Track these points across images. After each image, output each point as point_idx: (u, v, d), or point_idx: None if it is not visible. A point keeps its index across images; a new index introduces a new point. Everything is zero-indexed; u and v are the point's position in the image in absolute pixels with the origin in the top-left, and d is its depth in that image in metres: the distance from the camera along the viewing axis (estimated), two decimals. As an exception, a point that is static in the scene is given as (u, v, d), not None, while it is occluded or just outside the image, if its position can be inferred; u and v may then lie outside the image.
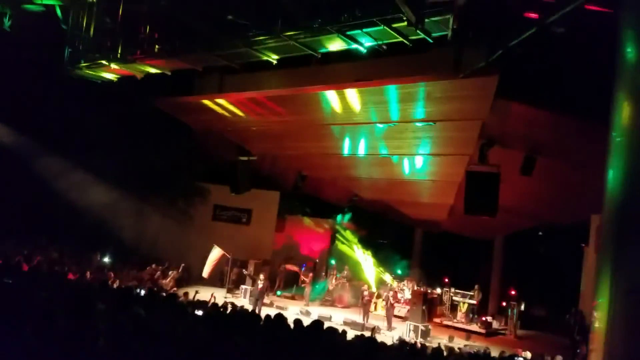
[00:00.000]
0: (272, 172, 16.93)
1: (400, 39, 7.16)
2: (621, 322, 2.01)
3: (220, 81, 11.57)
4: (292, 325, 5.08)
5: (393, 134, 11.48)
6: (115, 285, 9.35)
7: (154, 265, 15.13)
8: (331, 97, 10.37)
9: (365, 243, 18.42)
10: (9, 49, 10.77)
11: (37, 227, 13.72)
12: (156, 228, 15.50)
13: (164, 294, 8.31)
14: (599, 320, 2.08)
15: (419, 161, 12.68)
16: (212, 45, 8.82)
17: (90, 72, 10.40)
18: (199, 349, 3.23)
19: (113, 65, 9.85)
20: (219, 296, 13.74)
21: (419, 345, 7.83)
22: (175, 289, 14.12)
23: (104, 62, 9.83)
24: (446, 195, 13.76)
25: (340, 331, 6.31)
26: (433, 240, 19.16)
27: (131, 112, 14.08)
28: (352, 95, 10.14)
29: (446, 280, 16.75)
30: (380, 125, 11.08)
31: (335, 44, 7.77)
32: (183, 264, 15.56)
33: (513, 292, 15.37)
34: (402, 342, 6.94)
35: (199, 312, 5.28)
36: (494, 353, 8.72)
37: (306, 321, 6.48)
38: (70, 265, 12.11)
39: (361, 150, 12.81)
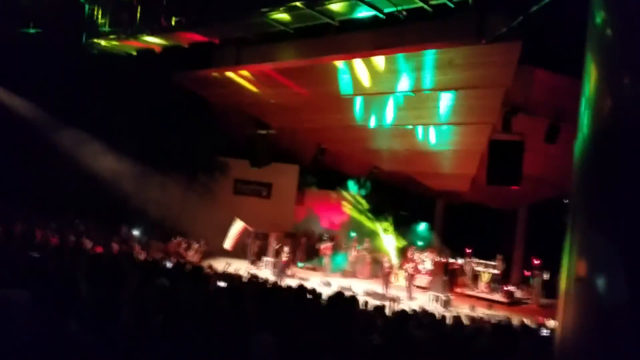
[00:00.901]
0: (291, 145, 16.91)
1: (421, 4, 6.97)
2: (570, 306, 1.97)
3: (238, 53, 11.48)
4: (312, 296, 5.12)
5: (413, 103, 11.29)
6: (142, 258, 9.56)
7: (178, 238, 15.43)
8: (350, 67, 10.21)
9: (386, 215, 18.40)
10: (28, 25, 10.82)
11: (64, 201, 14.03)
12: (179, 202, 15.73)
13: (190, 266, 8.46)
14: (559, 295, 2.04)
15: (440, 131, 12.48)
16: (229, 16, 8.73)
17: (109, 46, 10.43)
18: (221, 320, 3.27)
19: (131, 39, 9.86)
20: (243, 268, 13.98)
21: (438, 315, 7.84)
22: (199, 261, 14.39)
23: (122, 35, 9.85)
24: (468, 165, 13.56)
25: (361, 301, 6.35)
26: (455, 211, 19.01)
27: (151, 88, 14.14)
28: (371, 64, 9.96)
29: (468, 250, 16.67)
30: (400, 95, 10.90)
31: (353, 11, 7.61)
32: (205, 238, 15.82)
33: (537, 262, 15.24)
34: (422, 310, 6.97)
35: (223, 284, 5.37)
36: (515, 322, 8.70)
37: (327, 292, 6.55)
38: (97, 238, 12.41)
39: (381, 121, 12.66)
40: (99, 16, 9.95)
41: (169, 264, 7.83)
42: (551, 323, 10.22)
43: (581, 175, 2.01)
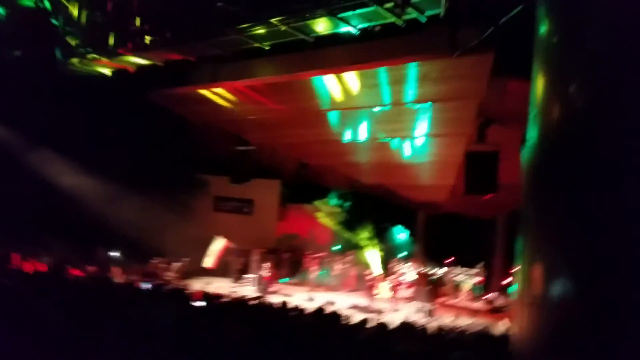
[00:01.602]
0: (271, 161, 16.89)
1: (393, 19, 7.10)
2: (524, 310, 2.03)
3: (214, 70, 11.47)
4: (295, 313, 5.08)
5: (390, 117, 11.42)
6: (120, 280, 9.39)
7: (157, 259, 15.20)
8: (326, 82, 10.29)
9: (368, 227, 18.43)
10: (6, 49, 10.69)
11: (38, 224, 13.73)
12: (158, 221, 15.50)
13: (169, 287, 8.33)
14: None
15: (417, 143, 12.63)
16: (204, 34, 8.76)
17: (83, 67, 10.35)
18: (202, 342, 3.23)
19: (105, 59, 9.80)
20: (225, 286, 13.83)
21: (420, 325, 7.85)
22: (180, 281, 14.17)
23: (96, 56, 9.79)
24: (446, 176, 13.72)
25: (344, 316, 6.32)
26: (435, 221, 19.15)
27: (127, 107, 14.00)
28: (347, 79, 10.06)
29: (450, 260, 16.79)
30: (377, 109, 11.01)
31: (327, 27, 7.71)
32: (186, 257, 15.61)
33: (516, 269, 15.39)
34: (404, 323, 6.97)
35: (201, 304, 5.31)
36: (498, 330, 8.74)
37: (311, 307, 6.52)
38: (74, 261, 12.14)
39: (359, 135, 12.76)
40: (72, 37, 9.87)
41: (148, 286, 7.71)
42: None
43: (530, 181, 2.05)
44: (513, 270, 15.22)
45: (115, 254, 15.00)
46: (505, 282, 16.62)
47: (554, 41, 2.13)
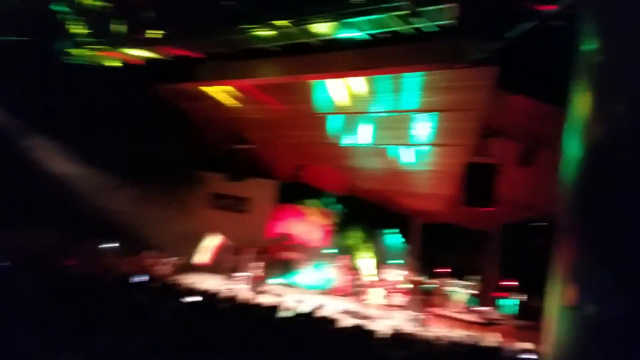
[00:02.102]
0: (270, 161, 16.89)
1: (401, 27, 7.12)
2: (560, 330, 2.01)
3: (221, 68, 11.51)
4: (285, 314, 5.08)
5: (392, 123, 11.45)
6: (113, 273, 9.35)
7: (151, 253, 15.16)
8: (330, 86, 10.31)
9: (363, 232, 18.42)
10: (6, 36, 10.65)
11: (32, 214, 13.67)
12: (154, 215, 15.46)
13: (162, 282, 8.32)
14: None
15: (417, 152, 12.65)
16: (211, 31, 8.76)
17: (89, 58, 10.33)
18: (193, 336, 3.22)
19: (110, 51, 9.79)
20: (217, 284, 13.80)
21: (412, 334, 7.86)
22: (172, 275, 14.13)
23: (102, 47, 9.77)
24: (445, 186, 13.75)
25: (334, 320, 6.32)
26: (431, 230, 19.12)
27: (129, 100, 13.98)
28: (351, 84, 10.09)
29: (444, 270, 16.77)
30: (379, 115, 11.04)
31: (335, 32, 7.72)
32: (179, 252, 15.58)
33: (512, 283, 15.40)
34: (395, 331, 6.97)
35: (195, 299, 5.29)
36: (492, 344, 8.75)
37: (302, 309, 6.52)
38: (68, 252, 12.10)
39: (359, 140, 12.77)
40: (79, 28, 9.85)
41: (140, 279, 7.67)
42: (527, 345, 10.31)
43: (570, 200, 2.02)
44: (506, 284, 15.24)
45: (108, 245, 14.95)
46: (498, 295, 16.63)
47: (599, 60, 2.10)
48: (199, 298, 5.32)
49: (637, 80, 1.79)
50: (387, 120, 11.37)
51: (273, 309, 6.19)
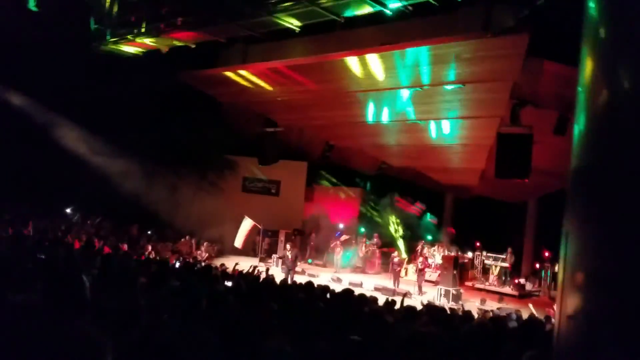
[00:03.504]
0: (299, 142, 16.90)
1: (428, -1, 6.94)
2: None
3: (245, 51, 11.50)
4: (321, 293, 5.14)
5: (421, 98, 11.24)
6: (152, 257, 9.64)
7: (188, 237, 15.53)
8: (357, 63, 10.16)
9: (395, 209, 18.37)
10: (36, 29, 10.92)
11: (73, 201, 14.18)
12: (189, 201, 15.82)
13: (200, 266, 8.52)
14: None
15: (448, 125, 12.42)
16: (235, 14, 8.73)
17: (116, 48, 10.49)
18: (231, 320, 3.30)
19: (138, 40, 9.90)
20: (250, 265, 14.04)
21: (448, 309, 7.85)
22: (209, 259, 14.47)
23: (129, 37, 9.89)
24: (477, 159, 13.50)
25: (370, 297, 6.37)
26: (464, 205, 18.93)
27: (159, 88, 14.21)
28: (378, 60, 9.92)
29: (478, 244, 16.62)
30: (408, 91, 10.86)
31: (360, 8, 7.59)
32: (215, 236, 15.91)
33: (547, 254, 15.17)
34: (430, 306, 6.96)
35: (230, 283, 5.41)
36: (526, 315, 8.66)
37: (337, 288, 6.58)
38: (109, 238, 12.52)
39: (389, 116, 12.62)
40: (105, 19, 9.99)
41: (179, 264, 7.90)
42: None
43: (578, 169, 2.00)
44: (545, 255, 15.00)
45: (148, 232, 15.39)
46: (533, 266, 16.40)
47: (604, 24, 2.02)
48: (232, 283, 5.43)
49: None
50: (416, 95, 11.17)
51: (308, 289, 6.26)
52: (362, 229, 18.38)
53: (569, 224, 1.90)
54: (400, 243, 17.36)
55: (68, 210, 14.55)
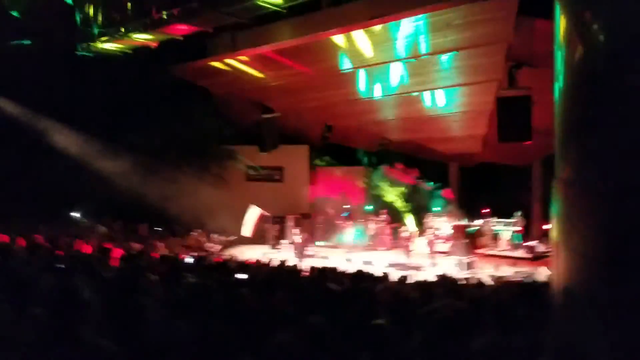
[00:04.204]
0: (298, 126, 16.83)
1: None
2: (561, 253, 2.00)
3: (233, 39, 11.36)
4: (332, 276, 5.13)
5: (416, 69, 11.13)
6: (163, 254, 9.66)
7: (197, 231, 15.58)
8: (346, 40, 10.04)
9: (400, 184, 18.31)
10: (21, 35, 10.83)
11: (79, 207, 14.23)
12: (194, 195, 15.81)
13: (211, 259, 8.54)
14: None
15: (446, 94, 12.31)
16: (218, 3, 8.61)
17: (104, 47, 10.39)
18: (243, 313, 3.29)
19: (125, 38, 9.80)
20: (262, 253, 14.11)
21: (462, 279, 7.85)
22: (220, 251, 14.53)
23: (114, 36, 9.79)
24: (478, 125, 13.40)
25: (382, 275, 6.37)
26: (469, 173, 18.86)
27: (152, 84, 14.11)
28: (368, 35, 9.78)
29: (486, 210, 16.58)
30: (402, 63, 10.74)
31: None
32: (223, 227, 15.94)
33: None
34: (441, 278, 6.96)
35: (243, 276, 5.41)
36: (542, 277, 8.67)
37: (349, 268, 6.58)
38: (118, 238, 12.58)
39: (385, 91, 12.51)
40: (91, 19, 9.88)
41: (190, 259, 7.92)
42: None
43: (561, 124, 2.01)
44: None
45: (156, 229, 15.44)
46: (545, 227, 16.37)
47: None
48: (245, 275, 5.43)
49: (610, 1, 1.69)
50: (411, 67, 11.05)
51: (320, 275, 6.27)
52: (370, 207, 18.35)
53: (556, 182, 1.91)
54: (409, 217, 17.34)
55: (75, 215, 14.57)
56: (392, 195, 18.13)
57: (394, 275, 7.82)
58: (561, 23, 2.08)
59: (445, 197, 18.43)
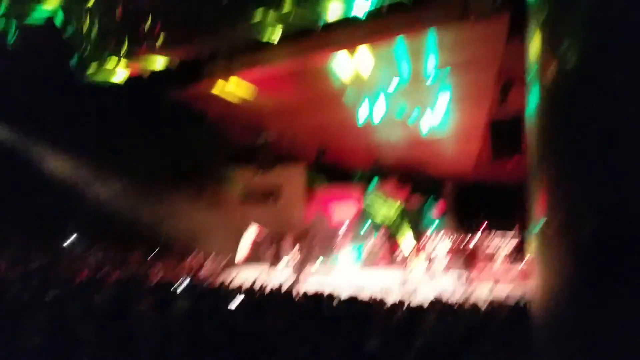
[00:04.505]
0: (293, 147, 16.92)
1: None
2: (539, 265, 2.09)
3: (229, 63, 11.51)
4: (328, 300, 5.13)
5: (408, 90, 11.26)
6: (158, 279, 9.61)
7: (193, 254, 15.50)
8: (340, 62, 10.18)
9: (393, 201, 18.36)
10: (17, 65, 10.93)
11: (72, 233, 14.18)
12: (189, 217, 15.80)
13: (207, 284, 8.50)
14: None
15: (438, 114, 12.43)
16: (214, 29, 8.75)
17: (99, 76, 10.49)
18: (238, 340, 3.30)
19: (120, 66, 9.91)
20: (259, 274, 14.04)
21: (456, 300, 7.82)
22: (216, 274, 14.43)
23: (110, 64, 9.90)
24: (471, 144, 13.52)
25: (378, 299, 6.36)
26: (465, 190, 18.97)
27: (147, 108, 14.20)
28: (361, 56, 9.93)
29: (483, 226, 16.61)
30: (394, 85, 10.88)
31: (337, 10, 7.61)
32: (220, 249, 15.89)
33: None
34: (437, 300, 6.94)
35: (238, 300, 5.40)
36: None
37: (346, 288, 6.58)
38: (113, 263, 12.50)
39: (378, 112, 12.63)
40: (85, 49, 10.00)
41: (186, 283, 7.88)
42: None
43: (535, 142, 2.07)
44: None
45: (149, 254, 15.37)
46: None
47: (547, 2, 2.10)
48: (243, 297, 5.42)
49: (580, 17, 1.77)
50: (404, 88, 11.19)
51: (319, 296, 6.26)
52: (367, 224, 18.35)
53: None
54: (406, 234, 17.35)
55: (68, 242, 14.52)
56: (385, 211, 18.16)
57: (392, 294, 7.80)
58: (534, 43, 2.17)
59: (439, 214, 18.48)
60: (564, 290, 1.83)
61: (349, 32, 9.47)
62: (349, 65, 10.13)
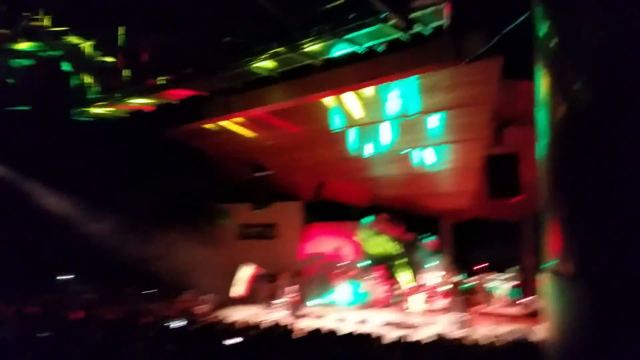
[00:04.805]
0: (291, 183, 16.97)
1: (398, 35, 7.15)
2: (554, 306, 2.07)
3: (227, 102, 11.69)
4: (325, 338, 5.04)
5: (405, 128, 11.42)
6: (149, 320, 9.44)
7: (186, 293, 15.28)
8: (337, 101, 10.35)
9: (394, 240, 18.25)
10: (13, 101, 11.05)
11: (67, 273, 14.01)
12: (184, 255, 15.65)
13: (200, 323, 8.35)
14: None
15: (435, 152, 12.58)
16: (215, 69, 8.93)
17: (98, 112, 10.61)
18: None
19: (120, 103, 10.04)
20: (254, 313, 13.81)
21: (455, 340, 7.70)
22: (211, 313, 14.19)
23: (110, 100, 10.04)
24: (468, 181, 13.59)
25: (374, 337, 6.25)
26: (462, 228, 18.90)
27: (144, 146, 14.29)
28: (359, 96, 10.12)
29: (481, 266, 16.48)
30: (391, 123, 11.05)
31: (334, 50, 7.79)
32: (215, 288, 15.67)
33: (550, 270, 15.05)
34: (439, 339, 6.84)
35: (234, 340, 5.29)
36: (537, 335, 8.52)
37: (342, 328, 6.48)
38: (107, 304, 12.30)
39: (375, 149, 12.76)
40: (86, 84, 10.16)
41: (179, 324, 7.75)
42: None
43: (545, 179, 2.08)
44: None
45: (144, 292, 15.15)
46: (539, 283, 16.22)
47: (554, 41, 2.15)
48: (239, 339, 5.31)
49: (590, 58, 1.82)
50: (401, 126, 11.35)
51: (316, 334, 6.16)
52: (364, 262, 18.19)
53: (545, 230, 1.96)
54: (403, 272, 17.18)
55: (62, 280, 14.33)
56: (382, 249, 18.03)
57: (389, 334, 7.67)
58: (542, 84, 2.20)
59: (434, 251, 18.36)
60: (580, 331, 1.80)
61: (346, 72, 9.68)
62: (346, 103, 10.30)
